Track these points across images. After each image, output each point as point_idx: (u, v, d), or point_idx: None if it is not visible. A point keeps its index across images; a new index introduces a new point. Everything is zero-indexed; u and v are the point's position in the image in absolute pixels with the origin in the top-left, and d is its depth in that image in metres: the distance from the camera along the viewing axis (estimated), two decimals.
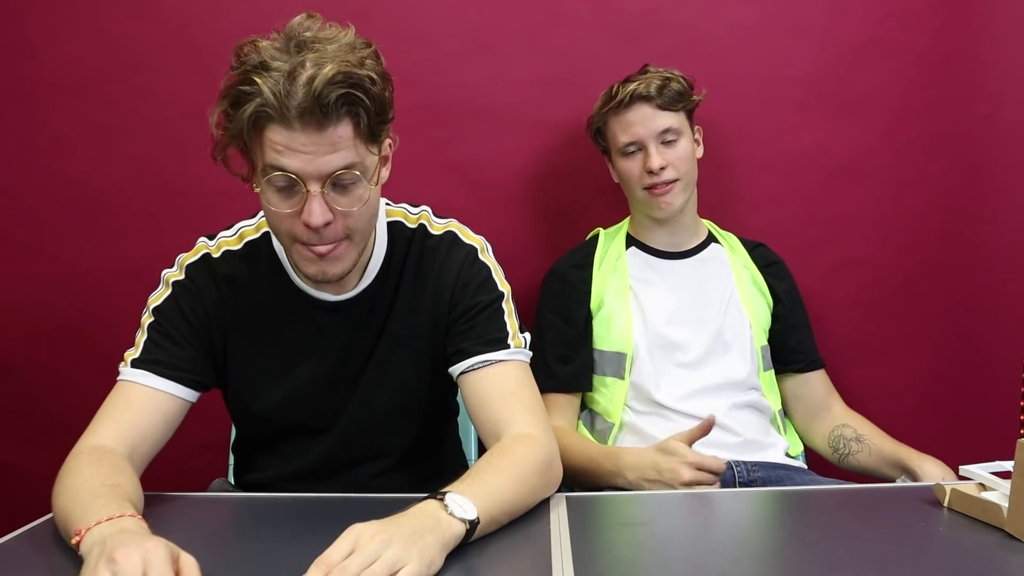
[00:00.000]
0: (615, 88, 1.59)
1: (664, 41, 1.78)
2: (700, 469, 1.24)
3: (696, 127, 1.64)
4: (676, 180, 1.56)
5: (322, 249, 1.07)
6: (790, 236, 1.81)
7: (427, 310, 1.21)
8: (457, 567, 0.88)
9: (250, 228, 1.23)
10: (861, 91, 1.80)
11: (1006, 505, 0.93)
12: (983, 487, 1.00)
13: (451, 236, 1.24)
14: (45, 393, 1.83)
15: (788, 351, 1.63)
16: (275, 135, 1.00)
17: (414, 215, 1.25)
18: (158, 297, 1.19)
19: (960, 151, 1.81)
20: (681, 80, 1.58)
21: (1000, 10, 1.78)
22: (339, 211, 1.05)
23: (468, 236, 1.25)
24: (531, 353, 1.21)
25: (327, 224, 1.04)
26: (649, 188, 1.57)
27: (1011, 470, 0.93)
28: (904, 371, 1.85)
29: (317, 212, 1.03)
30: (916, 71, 1.80)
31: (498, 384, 1.15)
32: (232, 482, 1.46)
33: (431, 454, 1.34)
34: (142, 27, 1.77)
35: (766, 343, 1.61)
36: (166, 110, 1.78)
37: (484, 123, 1.80)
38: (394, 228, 1.23)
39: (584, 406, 1.63)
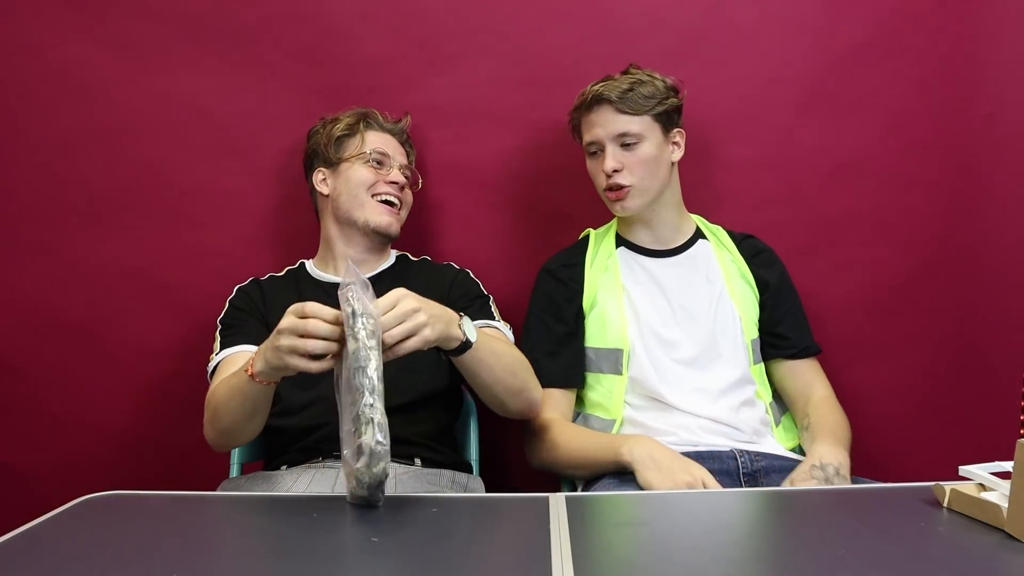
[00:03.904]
0: (587, 88, 1.60)
1: (663, 41, 1.78)
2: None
3: (675, 130, 1.61)
4: (630, 185, 1.56)
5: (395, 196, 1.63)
6: (790, 236, 1.81)
7: (429, 291, 1.54)
8: (457, 566, 0.88)
9: (292, 267, 1.70)
10: (861, 91, 1.80)
11: (1006, 505, 0.93)
12: (983, 487, 1.00)
13: (448, 263, 1.70)
14: (46, 393, 1.83)
15: (778, 337, 1.63)
16: (372, 137, 1.67)
17: (416, 255, 1.73)
18: (222, 314, 1.58)
19: (960, 151, 1.81)
20: (656, 83, 1.56)
21: (1000, 10, 1.78)
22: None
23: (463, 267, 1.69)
24: (512, 338, 1.57)
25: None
26: (607, 189, 1.59)
27: (1011, 470, 0.93)
28: (904, 371, 1.84)
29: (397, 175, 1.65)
30: (916, 71, 1.80)
31: (498, 336, 1.50)
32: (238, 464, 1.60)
33: (437, 407, 1.57)
34: (147, 28, 1.77)
35: (756, 336, 1.62)
36: (169, 111, 1.78)
37: (484, 123, 1.80)
38: (400, 257, 1.71)
39: (577, 407, 1.63)
